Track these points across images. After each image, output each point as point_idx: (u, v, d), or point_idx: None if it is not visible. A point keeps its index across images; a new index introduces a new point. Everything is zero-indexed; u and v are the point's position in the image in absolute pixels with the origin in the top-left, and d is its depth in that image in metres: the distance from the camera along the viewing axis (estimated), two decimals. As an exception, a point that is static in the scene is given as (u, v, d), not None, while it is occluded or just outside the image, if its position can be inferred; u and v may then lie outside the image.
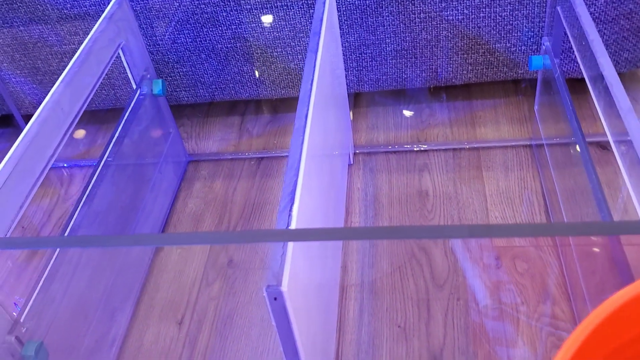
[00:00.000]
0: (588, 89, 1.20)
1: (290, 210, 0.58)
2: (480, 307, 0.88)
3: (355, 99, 1.29)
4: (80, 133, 1.34)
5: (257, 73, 1.19)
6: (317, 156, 0.74)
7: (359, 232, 0.55)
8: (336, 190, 0.94)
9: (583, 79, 1.15)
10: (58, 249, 0.77)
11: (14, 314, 0.68)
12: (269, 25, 1.11)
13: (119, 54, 0.97)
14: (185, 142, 1.24)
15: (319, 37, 0.81)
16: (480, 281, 0.91)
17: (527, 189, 1.04)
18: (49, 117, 0.77)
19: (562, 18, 0.85)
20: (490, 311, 0.87)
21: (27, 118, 1.25)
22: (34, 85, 1.24)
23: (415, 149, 1.14)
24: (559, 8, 0.87)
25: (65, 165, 1.25)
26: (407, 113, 1.24)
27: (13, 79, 1.22)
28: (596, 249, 0.76)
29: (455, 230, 0.42)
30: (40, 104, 1.26)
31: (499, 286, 0.90)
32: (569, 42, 1.07)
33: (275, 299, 0.52)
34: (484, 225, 0.44)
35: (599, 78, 0.70)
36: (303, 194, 0.62)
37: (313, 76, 0.75)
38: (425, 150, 1.14)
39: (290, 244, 0.54)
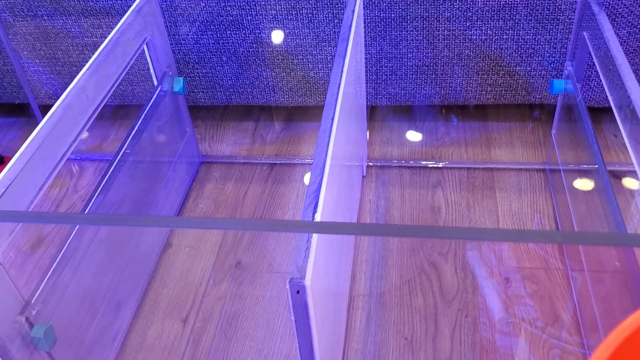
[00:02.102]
0: (602, 118, 1.22)
1: (315, 206, 0.58)
2: (488, 325, 0.87)
3: (371, 113, 1.30)
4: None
5: (275, 79, 1.19)
6: (338, 161, 0.74)
7: (386, 228, 0.55)
8: (350, 199, 0.94)
9: (599, 109, 1.17)
10: (72, 235, 0.76)
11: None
12: (292, 32, 1.12)
13: (143, 48, 0.97)
14: (198, 143, 1.24)
15: (347, 43, 0.81)
16: (489, 299, 0.91)
17: (538, 212, 1.04)
18: (73, 102, 0.77)
19: (588, 43, 0.86)
20: (498, 330, 0.87)
21: (42, 108, 1.26)
22: (52, 76, 1.24)
23: (429, 166, 1.14)
24: (585, 33, 0.88)
25: (77, 158, 1.25)
26: (422, 130, 1.24)
27: (31, 68, 1.23)
28: (610, 271, 0.76)
29: (490, 232, 0.42)
30: (55, 95, 1.27)
31: (507, 305, 0.90)
32: (588, 71, 1.08)
33: (297, 292, 0.51)
34: (517, 230, 0.44)
35: (625, 101, 0.70)
36: (325, 195, 0.62)
37: (340, 80, 0.75)
38: (439, 168, 1.14)
39: (315, 239, 0.54)
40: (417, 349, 0.86)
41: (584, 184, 0.90)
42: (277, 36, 1.13)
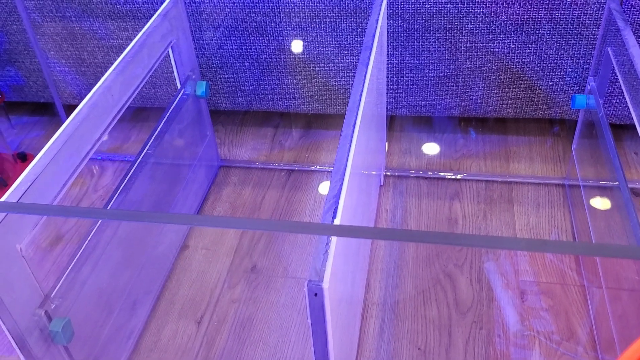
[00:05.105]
0: (623, 136, 1.21)
1: (335, 211, 0.58)
2: (503, 338, 0.87)
3: (391, 122, 1.30)
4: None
5: (296, 86, 1.20)
6: (357, 169, 0.75)
7: (403, 234, 0.55)
8: (367, 208, 0.95)
9: (620, 126, 1.16)
10: (92, 233, 0.77)
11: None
12: (314, 40, 1.13)
13: (168, 51, 0.98)
14: (218, 147, 1.25)
15: (371, 51, 0.82)
16: (504, 313, 0.90)
17: (556, 227, 1.04)
18: (99, 101, 0.78)
19: (612, 58, 0.86)
20: (512, 343, 0.86)
21: (66, 108, 1.27)
22: (77, 76, 1.26)
23: (447, 177, 1.14)
24: (609, 49, 0.88)
25: (98, 158, 1.27)
26: (441, 141, 1.24)
27: (57, 68, 1.25)
28: (628, 289, 0.76)
29: (512, 242, 0.42)
30: (80, 95, 1.29)
31: (522, 319, 0.89)
32: (611, 87, 1.07)
33: (315, 294, 0.52)
34: (539, 240, 0.44)
35: (648, 117, 0.70)
36: (344, 201, 0.62)
37: (363, 87, 0.76)
38: (457, 179, 1.14)
39: (333, 243, 0.55)
40: None
41: (604, 200, 0.89)
42: (300, 44, 1.14)
